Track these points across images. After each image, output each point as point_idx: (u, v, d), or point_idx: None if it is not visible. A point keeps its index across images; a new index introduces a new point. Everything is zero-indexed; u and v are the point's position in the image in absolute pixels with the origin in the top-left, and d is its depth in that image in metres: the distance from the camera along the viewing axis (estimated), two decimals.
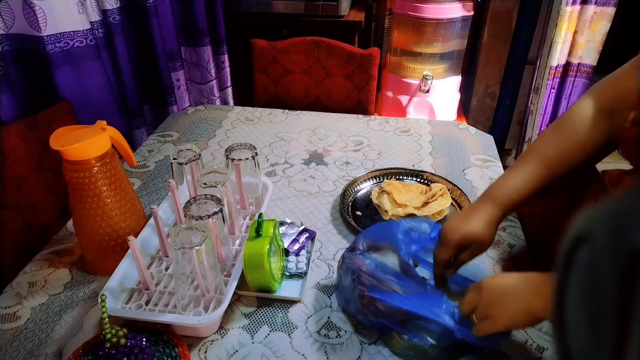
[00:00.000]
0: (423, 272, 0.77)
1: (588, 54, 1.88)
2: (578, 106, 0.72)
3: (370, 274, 0.69)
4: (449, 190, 0.99)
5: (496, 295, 0.60)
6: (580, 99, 0.73)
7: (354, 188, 1.04)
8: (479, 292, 0.62)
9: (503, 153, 2.29)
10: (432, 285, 0.67)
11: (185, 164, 0.86)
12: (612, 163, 0.74)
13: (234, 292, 0.73)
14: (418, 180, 1.06)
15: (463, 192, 0.99)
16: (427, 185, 1.03)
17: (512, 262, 0.85)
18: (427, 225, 0.74)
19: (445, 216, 0.95)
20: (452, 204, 0.98)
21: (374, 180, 1.07)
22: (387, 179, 1.06)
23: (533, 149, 0.74)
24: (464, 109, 2.21)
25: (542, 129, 2.04)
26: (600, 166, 0.81)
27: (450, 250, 0.70)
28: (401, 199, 0.95)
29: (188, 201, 0.75)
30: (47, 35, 1.08)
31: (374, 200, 0.97)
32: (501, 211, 0.71)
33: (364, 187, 1.05)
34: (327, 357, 0.68)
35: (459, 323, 0.63)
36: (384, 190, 0.97)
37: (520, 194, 0.71)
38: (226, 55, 1.83)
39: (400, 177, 1.07)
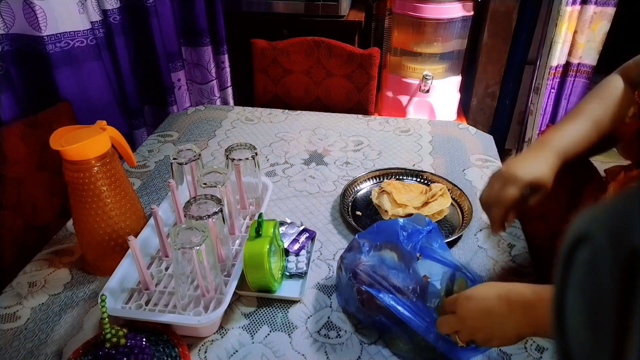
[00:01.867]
0: (425, 263, 0.76)
1: (588, 54, 1.88)
2: (610, 80, 0.75)
3: (367, 270, 0.69)
4: (449, 190, 0.99)
5: (480, 321, 0.57)
6: (610, 75, 0.75)
7: (354, 188, 1.04)
8: (459, 314, 0.59)
9: (503, 153, 2.29)
10: (424, 289, 0.67)
11: (185, 164, 0.86)
12: (611, 163, 0.75)
13: (234, 292, 0.73)
14: (418, 180, 1.06)
15: (463, 192, 0.99)
16: (427, 185, 1.03)
17: (512, 262, 0.85)
18: (421, 220, 0.74)
19: (445, 216, 0.95)
20: (452, 204, 0.98)
21: (374, 180, 1.07)
22: (387, 179, 1.06)
23: (580, 110, 0.74)
24: (464, 109, 2.21)
25: (542, 129, 2.04)
26: (600, 166, 0.82)
27: (520, 190, 0.68)
28: (401, 199, 0.94)
29: (188, 201, 0.75)
30: (47, 35, 1.08)
31: (374, 201, 0.97)
32: (560, 161, 0.70)
33: (364, 187, 1.05)
34: (327, 357, 0.68)
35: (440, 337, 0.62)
36: (384, 191, 0.97)
37: (577, 147, 0.71)
38: (226, 55, 1.83)
39: (400, 177, 1.07)
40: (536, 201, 0.69)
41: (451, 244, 0.88)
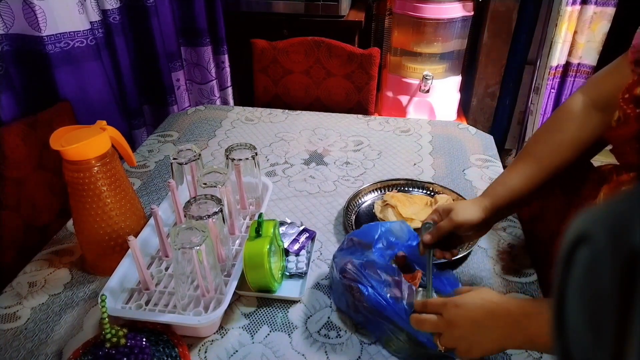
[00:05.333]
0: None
1: (588, 54, 1.88)
2: (569, 103, 0.74)
3: (356, 267, 0.70)
4: (454, 201, 0.97)
5: (465, 330, 0.59)
6: (572, 96, 0.75)
7: (356, 202, 0.99)
8: (446, 319, 0.60)
9: (503, 153, 2.29)
10: (408, 288, 0.68)
11: (185, 164, 0.86)
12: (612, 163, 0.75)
13: (234, 292, 0.73)
14: (422, 191, 1.03)
15: None
16: (431, 196, 1.00)
17: (512, 262, 0.85)
18: (403, 230, 0.75)
19: None
20: None
21: (376, 192, 1.03)
22: (389, 190, 1.02)
23: (526, 148, 0.76)
24: (464, 109, 2.21)
25: None
26: (598, 164, 0.81)
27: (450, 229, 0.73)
28: (407, 212, 0.92)
29: (188, 201, 0.75)
30: (47, 36, 1.08)
31: (378, 215, 0.95)
32: (490, 202, 0.73)
33: (367, 200, 1.01)
34: (327, 357, 0.68)
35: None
36: (387, 204, 0.95)
37: (511, 191, 0.73)
38: (226, 55, 1.83)
39: (404, 189, 1.03)
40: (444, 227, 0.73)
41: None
